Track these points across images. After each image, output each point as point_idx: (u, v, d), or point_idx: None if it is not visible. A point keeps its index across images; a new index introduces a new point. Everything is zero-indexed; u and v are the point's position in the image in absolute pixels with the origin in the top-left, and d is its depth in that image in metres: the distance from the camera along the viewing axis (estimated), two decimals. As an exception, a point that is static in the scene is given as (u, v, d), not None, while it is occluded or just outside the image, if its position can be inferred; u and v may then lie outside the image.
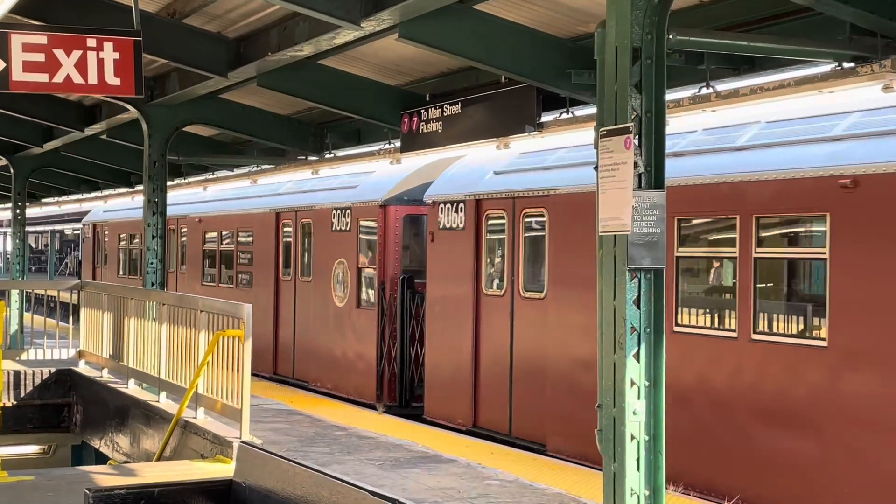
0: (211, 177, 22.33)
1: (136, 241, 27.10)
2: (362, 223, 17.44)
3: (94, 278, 29.79)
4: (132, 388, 13.74)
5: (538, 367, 13.41)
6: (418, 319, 16.46)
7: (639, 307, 6.60)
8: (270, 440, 11.78)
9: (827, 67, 8.56)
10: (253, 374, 10.76)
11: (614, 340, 6.61)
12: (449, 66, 12.44)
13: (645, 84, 6.56)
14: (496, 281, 14.54)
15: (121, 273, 28.60)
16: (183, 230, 24.69)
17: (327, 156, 16.59)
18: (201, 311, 11.48)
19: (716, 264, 11.28)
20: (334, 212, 18.21)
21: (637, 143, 6.54)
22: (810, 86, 8.62)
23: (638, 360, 6.59)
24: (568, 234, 13.08)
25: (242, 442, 8.34)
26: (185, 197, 24.65)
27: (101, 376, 15.07)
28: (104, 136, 18.09)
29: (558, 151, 13.87)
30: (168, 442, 11.49)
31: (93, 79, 10.41)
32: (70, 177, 26.99)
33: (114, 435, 13.81)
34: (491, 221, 14.65)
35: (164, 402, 12.58)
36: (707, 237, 11.53)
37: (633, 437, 6.55)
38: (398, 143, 14.08)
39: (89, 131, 17.67)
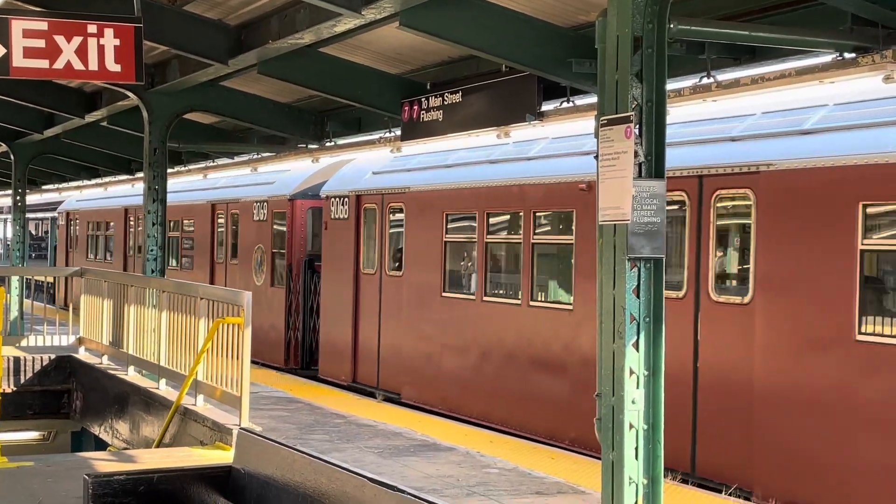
0: (211, 164, 22.33)
1: (103, 229, 31.07)
2: (276, 214, 20.59)
3: (66, 262, 33.18)
4: (132, 375, 13.76)
5: (399, 333, 16.62)
6: (317, 295, 19.65)
7: (638, 296, 6.61)
8: (270, 427, 11.80)
9: (828, 58, 8.55)
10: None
11: (614, 330, 6.62)
12: (450, 54, 12.43)
13: (646, 73, 6.56)
14: (371, 263, 17.66)
15: (88, 257, 31.76)
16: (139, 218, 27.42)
17: (328, 144, 16.59)
18: (201, 299, 11.49)
19: (506, 248, 14.74)
20: (255, 204, 21.39)
21: (637, 133, 6.55)
22: (811, 76, 8.62)
23: (637, 350, 6.60)
24: (419, 223, 16.21)
25: (242, 429, 8.36)
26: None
27: (101, 363, 15.09)
28: (104, 123, 18.08)
29: (419, 156, 16.81)
30: (167, 429, 11.51)
31: (93, 65, 10.40)
32: (70, 164, 26.99)
33: (113, 421, 13.83)
34: (367, 213, 17.76)
35: (163, 389, 12.59)
36: (502, 227, 14.81)
37: (631, 426, 6.57)
38: (399, 132, 14.08)
39: (90, 118, 17.65)
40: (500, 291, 14.76)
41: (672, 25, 6.82)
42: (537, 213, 13.88)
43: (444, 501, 5.09)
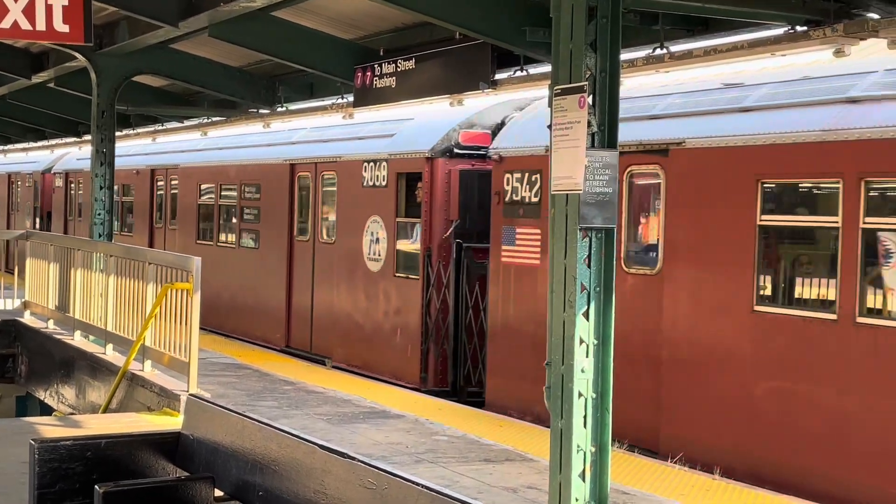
0: (160, 128, 22.12)
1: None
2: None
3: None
4: (78, 340, 13.63)
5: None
6: None
7: (589, 266, 6.64)
8: (218, 394, 11.75)
9: (780, 30, 8.60)
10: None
11: (564, 299, 6.64)
12: (403, 20, 12.35)
13: (600, 43, 6.56)
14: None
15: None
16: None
17: (279, 109, 16.45)
18: (149, 264, 11.39)
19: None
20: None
21: (591, 103, 6.55)
22: (763, 48, 8.66)
23: (587, 319, 6.64)
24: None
25: (190, 395, 8.32)
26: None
27: (47, 327, 14.92)
28: (52, 85, 17.80)
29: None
30: (114, 394, 11.43)
31: (41, 25, 10.21)
32: (16, 125, 26.56)
33: (59, 387, 13.71)
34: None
35: (110, 355, 12.49)
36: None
37: (580, 395, 6.62)
38: (351, 98, 13.99)
39: (36, 79, 17.36)
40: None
41: (627, -5, 6.82)
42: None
43: (392, 467, 5.10)
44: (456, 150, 14.60)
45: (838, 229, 9.20)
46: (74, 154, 29.18)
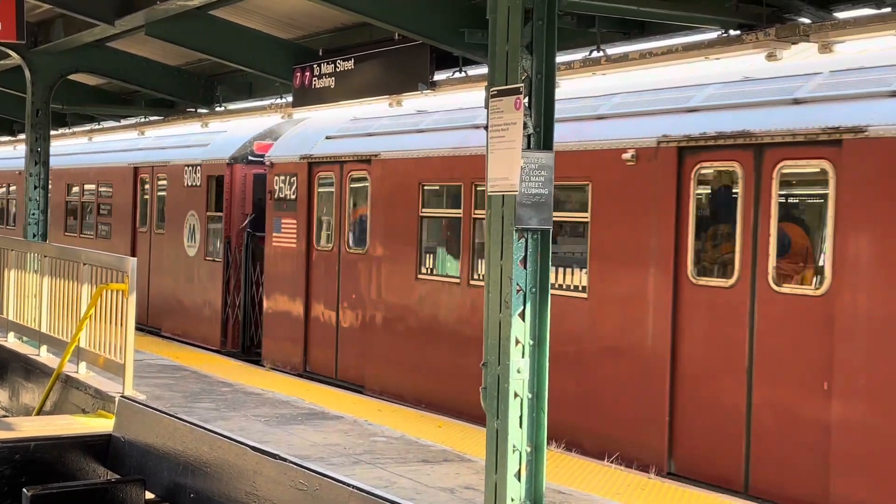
0: (97, 127, 21.88)
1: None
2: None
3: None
4: (11, 342, 13.41)
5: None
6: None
7: (525, 267, 6.66)
8: (155, 396, 11.63)
9: (714, 34, 8.70)
10: None
11: (500, 300, 6.66)
12: (343, 21, 12.32)
13: (536, 45, 6.58)
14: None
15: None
16: None
17: (217, 109, 16.33)
18: (84, 264, 11.24)
19: None
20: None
21: (527, 104, 6.57)
22: (697, 52, 8.75)
23: (523, 320, 6.65)
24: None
25: (123, 397, 8.23)
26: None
27: (-21, 329, 14.66)
28: (-15, 82, 17.53)
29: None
30: (48, 396, 11.26)
31: (-28, 22, 10.05)
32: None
33: (-8, 389, 13.48)
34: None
35: (44, 356, 12.31)
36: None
37: (516, 395, 6.63)
38: (290, 98, 13.92)
39: (-31, 77, 17.10)
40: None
41: (563, -2, 6.85)
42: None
43: (327, 468, 5.07)
44: (250, 158, 17.77)
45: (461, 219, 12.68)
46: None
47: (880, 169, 8.42)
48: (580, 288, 11.14)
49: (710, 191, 10.11)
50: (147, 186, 20.64)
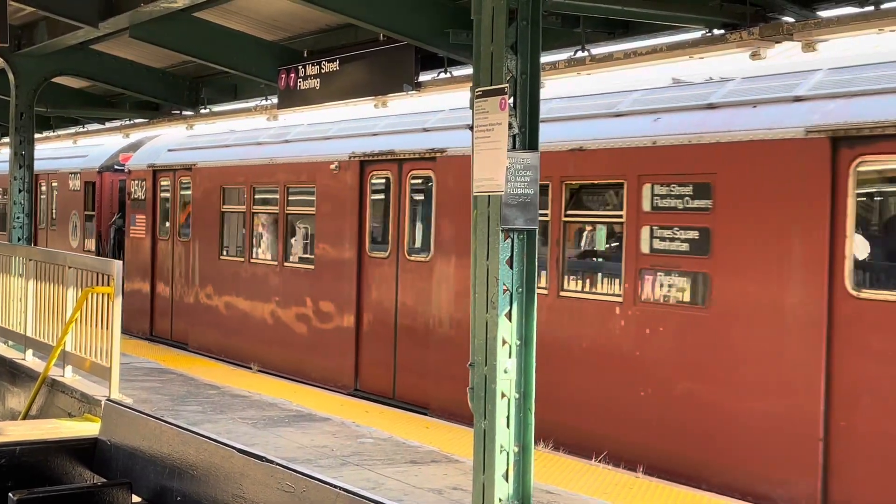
0: (81, 130, 21.83)
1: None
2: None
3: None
4: (-3, 346, 13.37)
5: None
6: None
7: (511, 267, 6.67)
8: (142, 399, 11.59)
9: (698, 34, 8.71)
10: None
11: (487, 300, 6.66)
12: (327, 22, 12.30)
13: (521, 46, 6.59)
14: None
15: None
16: None
17: (203, 111, 16.29)
18: (70, 268, 11.20)
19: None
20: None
21: (512, 105, 6.58)
22: (682, 51, 8.77)
23: (510, 320, 6.66)
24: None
25: (109, 400, 8.20)
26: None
27: (-35, 334, 14.60)
28: (-32, 86, 17.45)
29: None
30: (34, 400, 11.21)
31: (-46, 25, 10.02)
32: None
33: (-23, 394, 13.41)
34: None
35: (30, 360, 12.27)
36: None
37: (503, 395, 6.64)
38: (276, 100, 13.90)
39: (-48, 80, 17.02)
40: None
41: (547, -2, 6.86)
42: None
43: (314, 470, 5.07)
44: (116, 167, 21.36)
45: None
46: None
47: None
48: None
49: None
50: (43, 189, 24.35)
